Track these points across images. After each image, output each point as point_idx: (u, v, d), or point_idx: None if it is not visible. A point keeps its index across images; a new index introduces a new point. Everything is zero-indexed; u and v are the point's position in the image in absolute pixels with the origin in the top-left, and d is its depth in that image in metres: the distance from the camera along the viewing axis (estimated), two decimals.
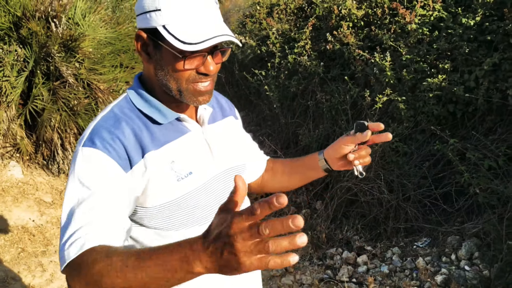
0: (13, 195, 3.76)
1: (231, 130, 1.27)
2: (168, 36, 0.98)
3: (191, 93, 1.06)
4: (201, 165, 1.12)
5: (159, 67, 1.05)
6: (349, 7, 4.30)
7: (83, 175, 0.98)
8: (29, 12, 4.10)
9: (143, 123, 1.08)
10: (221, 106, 1.29)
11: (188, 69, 1.02)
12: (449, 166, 3.23)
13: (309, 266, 3.12)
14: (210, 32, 0.98)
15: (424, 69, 3.45)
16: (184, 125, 1.13)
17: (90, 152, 1.00)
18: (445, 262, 2.87)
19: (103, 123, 1.05)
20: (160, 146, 1.07)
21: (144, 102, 1.10)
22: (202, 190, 1.12)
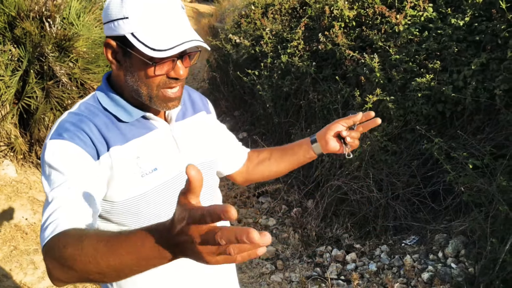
0: (7, 194, 3.78)
1: (201, 126, 1.29)
2: (137, 43, 0.99)
3: (161, 99, 1.08)
4: (167, 162, 1.14)
5: (129, 74, 1.07)
6: (341, 7, 4.33)
7: (54, 164, 0.99)
8: (23, 12, 4.13)
9: (109, 120, 1.10)
10: (192, 101, 1.31)
11: (159, 75, 1.04)
12: (438, 165, 3.26)
13: (298, 264, 3.15)
14: (179, 38, 1.00)
15: (413, 69, 3.48)
16: (151, 123, 1.15)
17: (58, 143, 1.02)
18: (432, 259, 2.90)
19: (69, 119, 1.07)
20: (126, 142, 1.09)
21: (110, 101, 1.12)
22: (167, 186, 1.13)
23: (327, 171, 3.67)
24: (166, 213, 1.13)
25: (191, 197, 0.69)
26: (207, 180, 1.25)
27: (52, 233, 0.87)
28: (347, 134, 1.28)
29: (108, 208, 1.10)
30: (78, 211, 0.94)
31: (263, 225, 3.68)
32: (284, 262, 3.19)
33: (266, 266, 3.14)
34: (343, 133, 1.28)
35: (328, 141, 1.32)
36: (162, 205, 1.12)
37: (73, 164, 1.00)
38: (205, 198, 1.24)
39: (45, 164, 1.02)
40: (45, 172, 1.03)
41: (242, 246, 0.63)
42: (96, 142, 1.04)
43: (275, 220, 3.73)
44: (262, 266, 3.15)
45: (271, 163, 1.45)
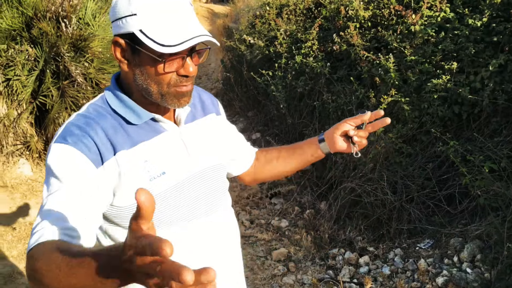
0: (22, 192, 3.83)
1: (211, 128, 1.27)
2: (146, 40, 0.98)
3: (173, 95, 1.06)
4: (176, 165, 1.12)
5: (139, 72, 1.05)
6: (356, 8, 4.29)
7: (55, 170, 0.99)
8: (40, 12, 4.18)
9: (118, 122, 1.08)
10: (202, 103, 1.29)
11: (168, 72, 1.03)
12: (454, 168, 3.21)
13: (311, 266, 3.13)
14: (188, 33, 0.98)
15: (429, 70, 3.43)
16: (160, 125, 1.13)
17: (62, 148, 1.01)
18: (447, 264, 2.85)
19: (75, 122, 1.06)
20: (134, 145, 1.07)
21: (119, 102, 1.10)
22: (176, 190, 1.11)
23: (341, 172, 3.64)
24: (173, 217, 1.12)
25: (142, 222, 0.65)
26: (217, 184, 1.23)
27: (35, 242, 0.87)
28: (354, 133, 1.28)
29: (115, 213, 1.09)
30: (66, 221, 0.93)
31: (276, 226, 3.66)
32: (296, 264, 3.17)
33: (278, 267, 3.12)
34: (351, 132, 1.28)
35: (335, 140, 1.32)
36: (169, 210, 1.11)
37: (72, 172, 0.99)
38: (215, 202, 1.22)
39: (46, 168, 1.02)
40: (46, 175, 1.03)
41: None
42: (101, 147, 1.03)
43: (287, 221, 3.71)
44: (274, 268, 3.14)
45: (278, 163, 1.44)
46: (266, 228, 3.67)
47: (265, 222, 3.76)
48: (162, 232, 1.11)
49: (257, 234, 3.55)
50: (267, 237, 3.53)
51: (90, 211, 0.99)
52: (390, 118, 1.29)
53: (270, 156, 1.45)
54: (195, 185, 1.16)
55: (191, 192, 1.15)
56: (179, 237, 1.13)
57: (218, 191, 1.23)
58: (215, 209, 1.21)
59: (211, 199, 1.21)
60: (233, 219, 1.31)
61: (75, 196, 0.97)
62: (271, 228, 3.66)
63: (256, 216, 3.86)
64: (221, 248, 1.22)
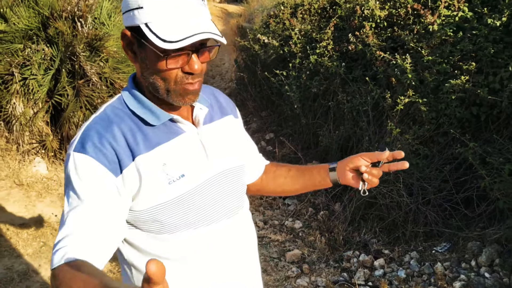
0: (38, 191, 3.86)
1: (229, 130, 1.25)
2: (150, 34, 0.96)
3: (178, 93, 1.04)
4: (195, 167, 1.10)
5: (145, 66, 1.04)
6: (372, 7, 4.25)
7: (74, 182, 0.99)
8: (56, 12, 4.21)
9: (135, 124, 1.07)
10: (220, 104, 1.27)
11: (172, 68, 1.00)
12: (471, 170, 3.16)
13: (325, 268, 3.10)
14: (190, 30, 0.96)
15: (447, 70, 3.38)
16: (179, 126, 1.11)
17: (81, 158, 1.00)
18: (465, 268, 2.80)
19: (94, 125, 1.05)
20: (152, 148, 1.06)
21: (137, 103, 1.09)
22: (195, 193, 1.10)
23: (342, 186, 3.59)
24: (193, 221, 1.11)
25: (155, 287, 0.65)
26: (236, 186, 1.22)
27: (59, 262, 0.91)
28: (366, 170, 1.21)
29: (134, 217, 1.08)
30: (88, 240, 0.95)
31: (289, 228, 3.64)
32: (310, 266, 3.14)
33: (292, 269, 3.10)
34: (362, 168, 1.21)
35: (346, 173, 1.27)
36: (188, 212, 1.09)
37: (92, 186, 0.99)
38: (235, 205, 1.21)
39: (67, 178, 1.02)
40: (65, 184, 1.03)
41: None
42: (120, 153, 1.02)
43: (301, 222, 3.68)
44: (287, 270, 3.11)
45: (286, 181, 1.41)
46: (279, 229, 3.65)
47: (278, 223, 3.74)
48: (187, 234, 1.10)
49: (271, 235, 3.53)
50: (280, 238, 3.51)
51: (111, 225, 1.00)
52: (407, 119, 1.26)
53: (279, 173, 1.42)
54: (214, 188, 1.15)
55: (210, 194, 1.14)
56: (199, 240, 1.12)
57: (237, 193, 1.22)
58: (234, 212, 1.20)
59: (230, 202, 1.19)
60: (251, 222, 1.29)
61: (96, 212, 0.98)
62: (285, 229, 3.64)
63: (269, 216, 3.84)
64: (239, 252, 1.21)
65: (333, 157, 4.09)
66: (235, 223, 1.21)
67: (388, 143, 3.44)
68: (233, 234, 1.19)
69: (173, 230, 1.10)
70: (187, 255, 1.13)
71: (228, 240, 1.18)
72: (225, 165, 1.18)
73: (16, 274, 2.99)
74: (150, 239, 1.11)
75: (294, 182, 1.40)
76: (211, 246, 1.14)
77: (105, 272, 1.01)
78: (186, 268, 1.13)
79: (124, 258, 1.17)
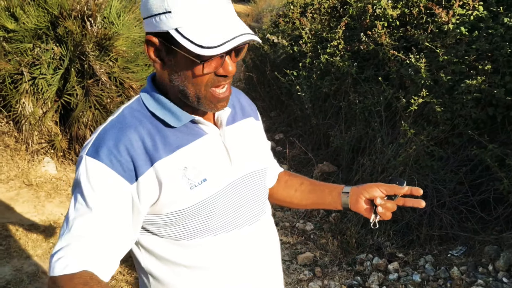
0: (46, 191, 3.84)
1: (251, 132, 1.20)
2: (182, 40, 0.90)
3: (209, 99, 0.99)
4: (217, 171, 1.06)
5: (174, 73, 0.98)
6: (384, 6, 4.19)
7: (84, 189, 0.95)
8: (65, 11, 4.18)
9: (154, 126, 1.02)
10: (241, 105, 1.22)
11: (207, 73, 0.95)
12: (488, 172, 3.09)
13: (337, 271, 3.05)
14: (229, 33, 0.91)
15: (462, 70, 3.31)
16: (200, 128, 1.06)
17: (93, 165, 0.96)
18: (482, 272, 2.74)
19: (110, 129, 1.00)
20: (172, 152, 1.01)
21: (156, 104, 1.04)
22: (217, 197, 1.05)
23: (368, 175, 3.54)
24: (214, 225, 1.06)
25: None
26: (259, 190, 1.17)
27: (62, 271, 0.87)
28: (381, 203, 1.17)
29: (152, 222, 1.04)
30: (92, 251, 0.91)
31: (301, 230, 3.59)
32: (322, 269, 3.09)
33: (304, 272, 3.05)
34: (378, 201, 1.17)
35: (358, 201, 1.22)
36: (210, 218, 1.05)
37: (102, 196, 0.94)
38: (256, 212, 1.16)
39: (75, 181, 0.97)
40: (74, 187, 0.98)
41: None
42: (136, 159, 0.97)
43: (312, 224, 3.63)
44: (300, 273, 3.06)
45: (295, 194, 1.36)
46: (290, 231, 3.60)
47: (289, 225, 3.69)
48: (207, 241, 1.06)
49: (282, 237, 3.48)
50: (292, 240, 3.46)
51: (118, 236, 0.96)
52: (421, 120, 1.21)
53: (291, 183, 1.37)
54: (237, 192, 1.10)
55: (233, 199, 1.09)
56: (219, 247, 1.08)
57: (260, 198, 1.17)
58: (257, 218, 1.15)
59: (253, 207, 1.15)
60: (274, 228, 1.25)
61: (104, 223, 0.94)
62: (296, 231, 3.59)
63: (280, 218, 3.79)
64: (262, 260, 1.17)
65: (345, 158, 4.03)
66: (258, 230, 1.16)
67: (401, 144, 3.38)
68: (255, 241, 1.15)
69: (193, 236, 1.06)
70: (207, 262, 1.09)
71: (250, 247, 1.14)
72: (248, 169, 1.13)
73: (25, 275, 2.96)
74: (169, 245, 1.07)
75: (303, 197, 1.35)
76: (232, 254, 1.10)
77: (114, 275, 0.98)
78: (205, 275, 1.09)
79: (142, 266, 1.12)
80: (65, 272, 0.86)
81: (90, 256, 0.90)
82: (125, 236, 0.98)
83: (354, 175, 3.74)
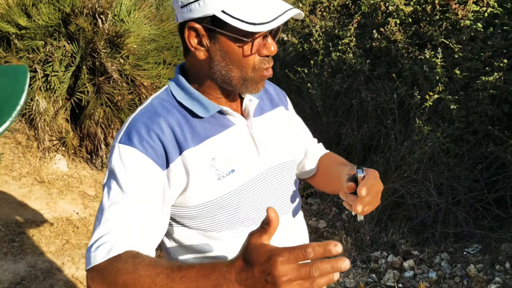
0: (58, 188, 3.84)
1: (281, 122, 1.18)
2: (231, 20, 0.90)
3: (255, 80, 0.99)
4: (245, 162, 1.05)
5: (219, 58, 0.97)
6: (397, 3, 4.16)
7: (118, 175, 0.94)
8: (77, 8, 4.18)
9: (183, 116, 1.02)
10: (269, 96, 1.21)
11: (255, 52, 0.95)
12: (504, 169, 3.07)
13: (352, 269, 3.03)
14: (276, 9, 0.91)
15: (477, 67, 3.29)
16: (228, 119, 1.06)
17: (127, 151, 0.95)
18: (499, 270, 2.71)
19: (140, 117, 1.00)
20: (200, 142, 1.00)
21: (184, 94, 1.03)
22: (245, 189, 1.04)
23: (382, 173, 3.52)
24: (243, 217, 1.05)
25: (266, 238, 0.71)
26: (288, 183, 1.16)
27: (106, 256, 0.83)
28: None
29: (181, 214, 1.03)
30: (134, 234, 0.89)
31: (313, 227, 3.57)
32: None
33: None
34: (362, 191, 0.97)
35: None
36: (238, 209, 1.04)
37: (137, 181, 0.93)
38: (287, 202, 1.15)
39: (110, 170, 0.96)
40: (107, 177, 0.96)
41: (323, 270, 0.64)
42: (168, 146, 0.97)
43: (325, 222, 3.61)
44: None
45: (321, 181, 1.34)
46: None
47: None
48: (237, 232, 1.05)
49: None
50: None
51: (154, 220, 0.94)
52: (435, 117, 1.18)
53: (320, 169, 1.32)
54: (265, 184, 1.09)
55: (261, 191, 1.08)
56: None
57: (289, 190, 1.16)
58: (286, 209, 1.14)
59: (282, 199, 1.13)
60: (303, 221, 1.23)
61: (141, 207, 0.92)
62: (309, 229, 3.57)
63: None
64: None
65: (357, 156, 4.01)
66: (287, 222, 1.15)
67: (415, 141, 3.36)
68: (284, 233, 1.13)
69: (223, 227, 1.05)
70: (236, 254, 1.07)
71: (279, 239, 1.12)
72: (276, 160, 1.12)
73: (39, 272, 2.96)
74: (199, 237, 1.06)
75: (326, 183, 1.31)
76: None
77: None
78: None
79: (172, 258, 1.11)
80: (109, 256, 0.83)
81: (132, 238, 0.88)
82: (160, 220, 0.97)
83: None
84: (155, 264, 0.78)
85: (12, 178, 3.80)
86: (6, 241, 3.16)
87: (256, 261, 0.67)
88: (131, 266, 0.79)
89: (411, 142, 3.38)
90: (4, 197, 3.58)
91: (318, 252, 0.64)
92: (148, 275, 0.76)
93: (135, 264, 0.79)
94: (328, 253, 0.64)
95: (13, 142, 4.08)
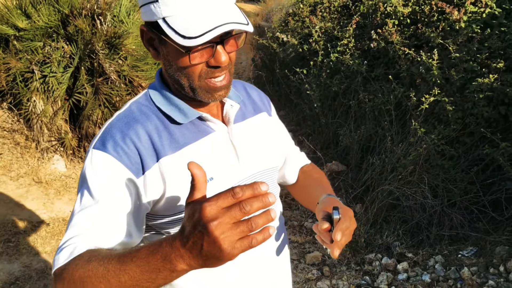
0: (56, 188, 3.86)
1: (262, 128, 1.16)
2: (168, 30, 0.88)
3: (205, 90, 0.96)
4: (224, 170, 1.03)
5: (168, 63, 0.96)
6: (395, 4, 4.15)
7: (89, 180, 0.93)
8: (76, 9, 4.20)
9: (161, 122, 1.00)
10: (252, 101, 1.19)
11: (196, 63, 0.92)
12: (500, 172, 3.04)
13: (346, 271, 3.02)
14: (213, 22, 0.86)
15: (474, 68, 3.27)
16: (208, 125, 1.04)
17: (100, 156, 0.94)
18: (493, 273, 2.69)
19: (117, 123, 0.98)
20: (178, 149, 0.99)
21: (163, 99, 1.02)
22: None
23: (378, 175, 3.51)
24: None
25: (198, 194, 0.70)
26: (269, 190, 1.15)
27: (68, 258, 0.82)
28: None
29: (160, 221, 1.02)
30: (98, 240, 0.88)
31: (309, 229, 3.56)
32: (330, 268, 3.07)
33: (312, 271, 3.03)
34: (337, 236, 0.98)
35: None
36: None
37: (108, 188, 0.92)
38: None
39: (81, 174, 0.95)
40: (80, 182, 0.96)
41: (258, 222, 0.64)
42: (143, 153, 0.95)
43: None
44: (308, 272, 3.04)
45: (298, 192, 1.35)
46: (299, 230, 3.58)
47: (297, 224, 3.67)
48: None
49: (290, 236, 3.46)
50: (300, 239, 3.44)
51: (122, 228, 0.93)
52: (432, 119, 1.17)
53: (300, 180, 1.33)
54: None
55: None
56: None
57: None
58: None
59: None
60: (284, 229, 1.23)
61: (111, 213, 0.91)
62: (304, 230, 3.57)
63: (288, 217, 3.77)
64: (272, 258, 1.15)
65: (354, 157, 4.00)
66: None
67: (411, 143, 3.35)
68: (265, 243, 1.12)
69: None
70: None
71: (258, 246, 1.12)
72: (257, 167, 1.11)
73: (34, 272, 2.97)
74: None
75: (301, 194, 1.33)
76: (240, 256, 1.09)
77: None
78: (212, 276, 1.07)
79: None
80: (71, 257, 0.82)
81: (97, 242, 0.87)
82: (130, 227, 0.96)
83: (363, 174, 3.71)
84: (109, 253, 0.78)
85: (10, 178, 3.82)
86: (1, 241, 3.18)
87: (189, 217, 0.67)
88: (85, 259, 0.78)
89: (407, 143, 3.36)
90: (1, 197, 3.60)
91: (247, 192, 0.63)
92: (101, 264, 0.75)
93: (90, 257, 0.78)
94: (257, 191, 0.63)
95: (11, 143, 4.11)
